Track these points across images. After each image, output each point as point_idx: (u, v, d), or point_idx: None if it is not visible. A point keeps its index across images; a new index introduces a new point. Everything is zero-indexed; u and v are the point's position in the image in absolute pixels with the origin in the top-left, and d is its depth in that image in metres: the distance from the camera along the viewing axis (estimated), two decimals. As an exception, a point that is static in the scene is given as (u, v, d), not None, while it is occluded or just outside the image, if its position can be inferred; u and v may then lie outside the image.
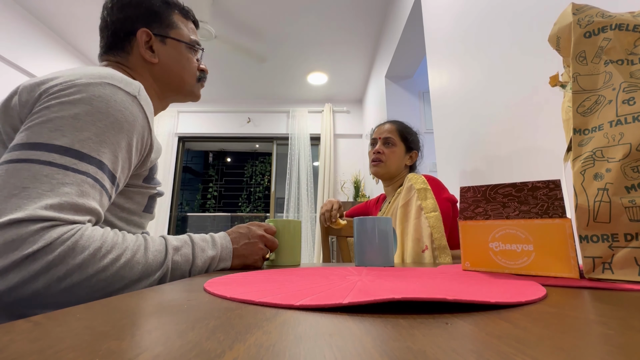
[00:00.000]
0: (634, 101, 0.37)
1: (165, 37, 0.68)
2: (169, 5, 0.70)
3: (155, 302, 0.27)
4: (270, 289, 0.31)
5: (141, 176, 0.60)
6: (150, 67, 0.68)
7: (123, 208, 0.58)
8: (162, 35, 0.68)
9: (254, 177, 5.40)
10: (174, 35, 0.69)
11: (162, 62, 0.68)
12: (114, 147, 0.48)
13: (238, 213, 5.08)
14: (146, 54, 0.66)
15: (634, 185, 0.35)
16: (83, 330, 0.18)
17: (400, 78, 2.74)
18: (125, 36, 0.66)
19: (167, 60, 0.68)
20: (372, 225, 0.65)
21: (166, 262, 0.48)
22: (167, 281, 0.48)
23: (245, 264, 0.60)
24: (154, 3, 0.68)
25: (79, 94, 0.47)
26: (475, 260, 0.48)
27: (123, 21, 0.65)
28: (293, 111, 4.00)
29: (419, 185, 0.93)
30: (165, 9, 0.69)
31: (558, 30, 0.47)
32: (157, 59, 0.67)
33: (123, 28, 0.65)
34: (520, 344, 0.15)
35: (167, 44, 0.69)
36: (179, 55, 0.70)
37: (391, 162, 1.16)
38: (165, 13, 0.69)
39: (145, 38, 0.66)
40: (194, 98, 0.76)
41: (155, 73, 0.68)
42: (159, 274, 0.47)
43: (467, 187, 0.49)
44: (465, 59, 1.25)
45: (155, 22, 0.67)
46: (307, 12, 2.63)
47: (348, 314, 0.22)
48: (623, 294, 0.29)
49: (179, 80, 0.71)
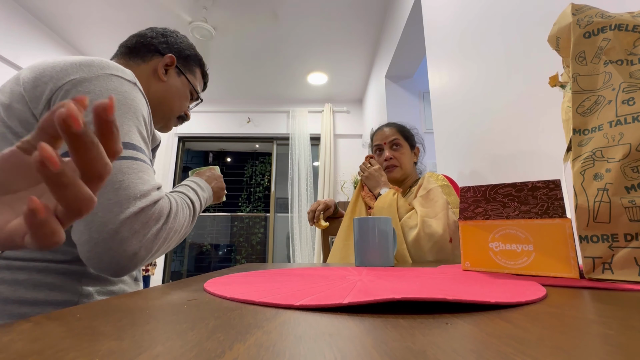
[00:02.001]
0: (634, 101, 0.37)
1: (182, 73, 0.78)
2: (198, 60, 0.82)
3: (155, 302, 0.27)
4: (270, 289, 0.31)
5: None
6: (154, 82, 0.74)
7: None
8: (180, 70, 0.78)
9: (254, 177, 5.40)
10: (189, 77, 0.79)
11: (167, 85, 0.75)
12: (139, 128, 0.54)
13: (238, 213, 5.07)
14: (160, 70, 0.74)
15: (633, 185, 0.35)
16: (83, 330, 0.18)
17: (400, 78, 2.74)
18: (152, 51, 0.74)
19: (171, 86, 0.76)
20: (372, 225, 0.65)
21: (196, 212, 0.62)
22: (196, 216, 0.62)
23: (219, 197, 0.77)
24: (189, 50, 0.80)
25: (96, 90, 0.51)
26: (475, 260, 0.48)
27: (163, 44, 0.76)
28: (293, 111, 4.00)
29: (440, 182, 0.95)
30: (193, 59, 0.81)
31: (557, 30, 0.47)
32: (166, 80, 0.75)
33: (158, 47, 0.75)
34: (520, 344, 0.15)
35: (180, 78, 0.78)
36: (181, 90, 0.78)
37: (405, 164, 1.13)
38: (193, 61, 0.81)
39: (168, 61, 0.75)
40: (166, 127, 0.82)
41: (153, 89, 0.74)
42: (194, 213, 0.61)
43: (467, 187, 0.49)
44: (465, 59, 1.25)
45: (182, 60, 0.78)
46: (307, 12, 2.63)
47: (348, 314, 0.22)
48: (623, 294, 0.29)
49: (168, 106, 0.77)
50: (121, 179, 0.46)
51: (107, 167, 0.21)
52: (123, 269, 0.47)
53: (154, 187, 0.50)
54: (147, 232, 0.47)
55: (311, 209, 1.13)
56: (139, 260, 0.47)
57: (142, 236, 0.46)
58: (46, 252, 0.51)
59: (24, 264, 0.49)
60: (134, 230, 0.46)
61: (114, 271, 0.47)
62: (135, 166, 0.49)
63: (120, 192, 0.46)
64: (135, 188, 0.47)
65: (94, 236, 0.44)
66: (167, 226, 0.50)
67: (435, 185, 0.94)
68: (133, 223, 0.46)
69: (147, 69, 0.73)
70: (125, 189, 0.46)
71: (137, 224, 0.46)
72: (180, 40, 0.79)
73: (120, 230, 0.45)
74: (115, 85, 0.53)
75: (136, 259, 0.47)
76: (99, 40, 2.98)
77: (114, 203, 0.45)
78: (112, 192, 0.45)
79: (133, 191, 0.47)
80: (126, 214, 0.45)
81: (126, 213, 0.45)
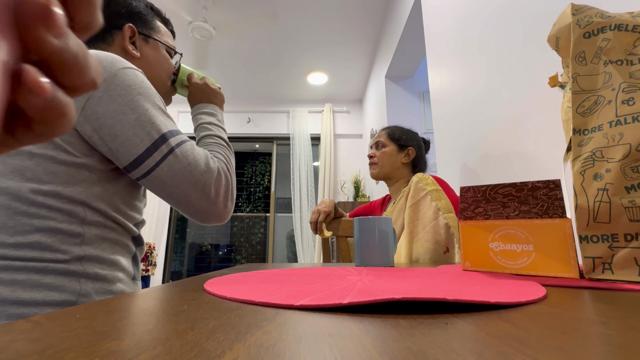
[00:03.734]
0: (634, 101, 0.37)
1: (149, 37, 0.71)
2: (152, 10, 0.75)
3: (155, 302, 0.27)
4: (270, 289, 0.31)
5: None
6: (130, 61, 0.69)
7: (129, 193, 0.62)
8: (145, 34, 0.71)
9: (254, 177, 5.40)
10: (155, 37, 0.73)
11: (143, 58, 0.71)
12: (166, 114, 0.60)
13: (238, 213, 5.07)
14: (129, 47, 0.68)
15: (633, 185, 0.35)
16: (83, 330, 0.18)
17: (400, 78, 2.74)
18: (107, 29, 0.67)
19: (148, 57, 0.71)
20: (372, 225, 0.65)
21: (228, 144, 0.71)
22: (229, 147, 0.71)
23: (223, 100, 0.80)
24: (139, 6, 0.71)
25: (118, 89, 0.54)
26: (475, 260, 0.48)
27: (108, 15, 0.68)
28: (293, 111, 4.00)
29: (430, 187, 0.92)
30: (148, 13, 0.73)
31: (557, 30, 0.47)
32: (139, 54, 0.70)
33: (107, 21, 0.67)
34: (520, 344, 0.15)
35: (149, 43, 0.72)
36: (159, 55, 0.73)
37: (383, 162, 1.19)
38: (149, 17, 0.73)
39: (129, 33, 0.68)
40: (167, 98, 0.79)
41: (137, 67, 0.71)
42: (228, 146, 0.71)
43: (467, 187, 0.49)
44: (466, 59, 1.25)
45: (139, 22, 0.71)
46: (307, 12, 2.63)
47: (348, 314, 0.22)
48: (623, 294, 0.29)
49: (157, 78, 0.73)
50: (187, 162, 0.57)
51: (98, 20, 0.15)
52: (226, 219, 0.64)
53: (207, 156, 0.61)
54: (225, 191, 0.62)
55: (311, 220, 1.14)
56: (230, 210, 0.64)
57: (224, 195, 0.61)
58: (46, 252, 0.51)
59: (22, 264, 0.49)
60: (218, 194, 0.60)
61: (221, 222, 0.64)
62: (188, 147, 0.58)
63: (194, 172, 0.57)
64: (199, 164, 0.58)
65: (198, 210, 0.59)
66: (231, 177, 0.64)
67: (424, 193, 0.92)
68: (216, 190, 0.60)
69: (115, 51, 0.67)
70: (196, 168, 0.57)
71: (218, 189, 0.60)
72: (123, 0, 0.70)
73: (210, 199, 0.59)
74: (132, 79, 0.56)
75: (228, 210, 0.63)
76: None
77: (195, 182, 0.57)
78: (189, 175, 0.57)
79: (200, 167, 0.58)
80: (208, 187, 0.59)
81: (207, 186, 0.59)
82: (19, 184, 0.51)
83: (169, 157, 0.56)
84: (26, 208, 0.51)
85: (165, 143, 0.56)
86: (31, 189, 0.51)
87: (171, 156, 0.56)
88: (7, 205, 0.50)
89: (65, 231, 0.53)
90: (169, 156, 0.56)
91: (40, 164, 0.52)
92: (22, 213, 0.50)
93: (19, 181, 0.51)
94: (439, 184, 0.94)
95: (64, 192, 0.53)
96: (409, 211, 0.92)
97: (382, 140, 1.22)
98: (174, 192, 0.57)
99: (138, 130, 0.54)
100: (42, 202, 0.51)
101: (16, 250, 0.49)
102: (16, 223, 0.50)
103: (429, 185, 0.93)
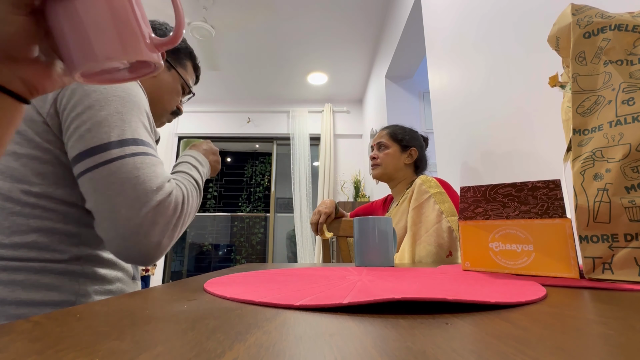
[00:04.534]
0: (634, 101, 0.37)
1: (173, 67, 0.76)
2: (188, 52, 0.80)
3: (155, 302, 0.27)
4: (270, 289, 0.31)
5: None
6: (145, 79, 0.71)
7: None
8: (171, 64, 0.76)
9: (254, 177, 5.40)
10: (179, 71, 0.78)
11: (158, 80, 0.74)
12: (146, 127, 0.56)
13: (238, 213, 5.07)
14: None
15: (633, 185, 0.35)
16: (83, 330, 0.18)
17: (400, 78, 2.74)
18: None
19: (162, 81, 0.75)
20: (372, 225, 0.65)
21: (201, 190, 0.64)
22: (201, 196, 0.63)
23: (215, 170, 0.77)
24: (180, 44, 0.77)
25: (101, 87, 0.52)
26: (475, 260, 0.48)
27: None
28: (293, 111, 4.00)
29: (434, 189, 0.91)
30: (184, 52, 0.79)
31: (557, 30, 0.47)
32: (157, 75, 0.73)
33: None
34: (520, 344, 0.15)
35: (171, 72, 0.77)
36: (172, 85, 0.77)
37: (386, 163, 1.18)
38: (183, 54, 0.79)
39: None
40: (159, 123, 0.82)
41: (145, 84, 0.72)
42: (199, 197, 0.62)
43: (467, 187, 0.49)
44: (465, 59, 1.25)
45: (172, 54, 0.76)
46: (307, 12, 2.63)
47: (348, 314, 0.22)
48: (623, 294, 0.29)
49: (160, 101, 0.76)
50: (137, 174, 0.49)
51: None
52: (151, 258, 0.52)
53: (166, 179, 0.53)
54: (167, 222, 0.51)
55: (312, 221, 1.14)
56: (164, 248, 0.52)
57: (164, 226, 0.51)
58: (44, 252, 0.51)
59: (21, 264, 0.49)
60: (155, 223, 0.49)
61: (142, 261, 0.51)
62: (148, 161, 0.52)
63: (138, 188, 0.49)
64: (150, 182, 0.50)
65: (120, 232, 0.48)
66: (183, 213, 0.54)
67: (428, 196, 0.91)
68: (154, 216, 0.49)
69: None
70: (142, 184, 0.49)
71: (158, 217, 0.50)
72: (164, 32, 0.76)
73: (143, 224, 0.48)
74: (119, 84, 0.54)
75: (161, 248, 0.51)
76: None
77: (134, 199, 0.48)
78: (131, 189, 0.48)
79: (149, 185, 0.50)
80: (147, 208, 0.49)
81: (147, 207, 0.49)
82: (10, 185, 0.51)
83: (116, 162, 0.49)
84: (20, 209, 0.51)
85: (120, 148, 0.50)
86: (22, 190, 0.51)
87: (119, 162, 0.49)
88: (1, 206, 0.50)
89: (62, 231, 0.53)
90: (117, 161, 0.49)
91: (27, 164, 0.52)
92: (16, 213, 0.50)
93: (10, 182, 0.51)
94: (442, 187, 0.93)
95: (54, 194, 0.53)
96: (412, 214, 0.92)
97: (384, 141, 1.21)
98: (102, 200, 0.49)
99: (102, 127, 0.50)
100: (35, 203, 0.51)
101: (14, 250, 0.49)
102: (12, 223, 0.50)
103: (433, 188, 0.92)
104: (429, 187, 0.92)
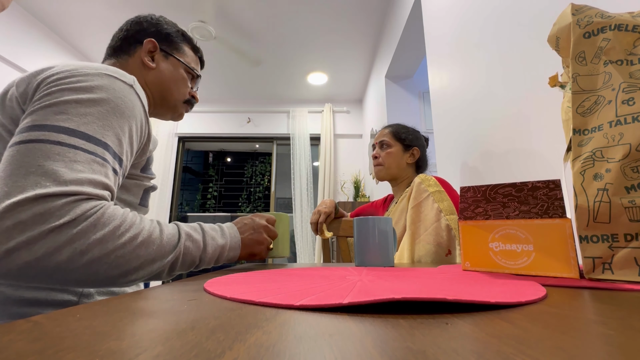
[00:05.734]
0: (634, 101, 0.37)
1: (169, 55, 0.74)
2: (183, 36, 0.77)
3: (155, 302, 0.27)
4: (270, 289, 0.31)
5: (139, 165, 0.62)
6: (145, 73, 0.71)
7: (120, 200, 0.59)
8: (166, 52, 0.74)
9: (254, 177, 5.40)
10: (177, 56, 0.75)
11: (158, 70, 0.72)
12: (117, 131, 0.49)
13: (238, 213, 5.07)
14: (145, 58, 0.71)
15: (633, 185, 0.35)
16: (83, 330, 0.18)
17: (400, 78, 2.74)
18: (133, 42, 0.72)
19: (163, 71, 0.73)
20: (372, 225, 0.65)
21: (179, 246, 0.48)
22: (177, 267, 0.49)
23: (252, 253, 0.61)
24: (169, 29, 0.75)
25: (79, 83, 0.49)
26: (475, 260, 0.48)
27: (137, 31, 0.72)
28: (293, 111, 4.00)
29: (432, 188, 0.91)
30: (177, 36, 0.76)
31: (557, 30, 0.47)
32: (155, 65, 0.72)
33: (134, 36, 0.72)
34: (520, 344, 0.15)
35: (169, 60, 0.74)
36: (175, 72, 0.74)
37: (389, 163, 1.18)
38: (177, 39, 0.76)
39: (150, 47, 0.71)
40: (176, 115, 0.79)
41: (148, 79, 0.71)
42: (171, 257, 0.47)
43: (467, 187, 0.49)
44: (465, 59, 1.25)
45: (165, 42, 0.74)
46: (307, 12, 2.63)
47: (348, 314, 0.22)
48: (623, 294, 0.29)
49: (168, 92, 0.74)
50: (41, 163, 0.39)
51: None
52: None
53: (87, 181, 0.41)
54: (39, 229, 0.36)
55: (312, 221, 1.14)
56: (13, 263, 0.36)
57: (29, 231, 0.36)
58: None
59: None
60: (17, 220, 0.36)
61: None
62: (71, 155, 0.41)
63: (29, 175, 0.38)
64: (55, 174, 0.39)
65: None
66: (83, 233, 0.39)
67: (427, 194, 0.91)
68: (22, 211, 0.36)
69: (135, 62, 0.71)
70: (33, 174, 0.38)
71: (26, 214, 0.36)
72: (156, 21, 0.75)
73: (1, 216, 0.35)
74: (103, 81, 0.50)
75: (8, 259, 0.36)
76: (99, 41, 2.98)
77: (4, 181, 0.38)
78: (17, 172, 0.38)
79: (53, 177, 0.39)
80: (18, 198, 0.36)
81: (19, 197, 0.36)
82: None
83: (19, 145, 0.41)
84: None
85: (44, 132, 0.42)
86: None
87: (21, 146, 0.41)
88: None
89: None
90: (19, 145, 0.41)
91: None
92: None
93: None
94: (441, 185, 0.93)
95: None
96: (411, 212, 0.92)
97: (387, 140, 1.20)
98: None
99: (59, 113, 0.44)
100: None
101: None
102: None
103: (432, 187, 0.92)
104: (428, 186, 0.92)
